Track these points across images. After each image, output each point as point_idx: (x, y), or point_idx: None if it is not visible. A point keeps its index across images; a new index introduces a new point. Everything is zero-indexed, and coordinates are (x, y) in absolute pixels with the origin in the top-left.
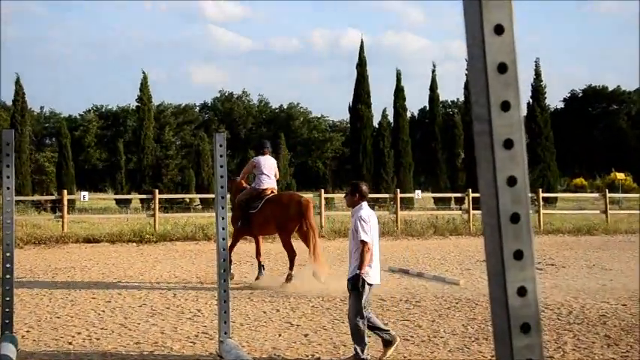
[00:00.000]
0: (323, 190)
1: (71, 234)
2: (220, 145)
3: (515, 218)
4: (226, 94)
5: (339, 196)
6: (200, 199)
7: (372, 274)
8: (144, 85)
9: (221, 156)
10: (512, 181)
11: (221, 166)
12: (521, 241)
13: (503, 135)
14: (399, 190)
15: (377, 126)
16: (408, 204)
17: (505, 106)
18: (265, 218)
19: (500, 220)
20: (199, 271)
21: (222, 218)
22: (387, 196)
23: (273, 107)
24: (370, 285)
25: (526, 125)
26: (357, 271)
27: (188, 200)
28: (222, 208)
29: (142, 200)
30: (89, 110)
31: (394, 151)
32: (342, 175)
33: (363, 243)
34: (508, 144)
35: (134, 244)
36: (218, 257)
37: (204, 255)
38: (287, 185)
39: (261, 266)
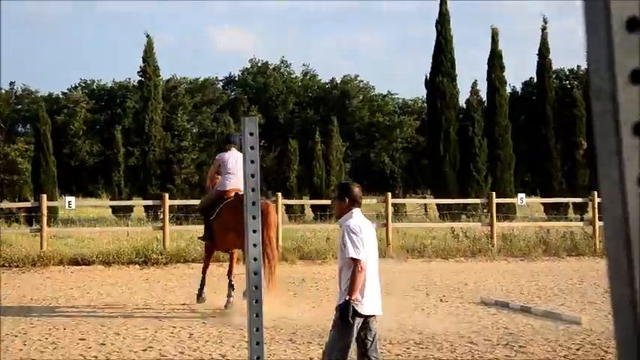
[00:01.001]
0: (390, 194)
1: (53, 253)
2: (251, 134)
3: None
4: (259, 65)
5: (412, 202)
6: None
7: (367, 301)
8: (148, 53)
9: (252, 148)
10: None
11: (252, 162)
12: None
13: (634, 116)
14: (494, 193)
15: (464, 105)
16: (507, 212)
17: (636, 77)
18: (222, 226)
19: (629, 235)
20: (223, 302)
21: (254, 231)
22: (477, 201)
23: (323, 82)
24: (363, 316)
25: None
26: (347, 297)
27: None
28: (254, 217)
29: (146, 208)
30: (76, 87)
31: (488, 139)
32: (415, 173)
33: (354, 261)
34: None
35: (137, 266)
36: (248, 284)
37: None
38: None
39: (230, 286)
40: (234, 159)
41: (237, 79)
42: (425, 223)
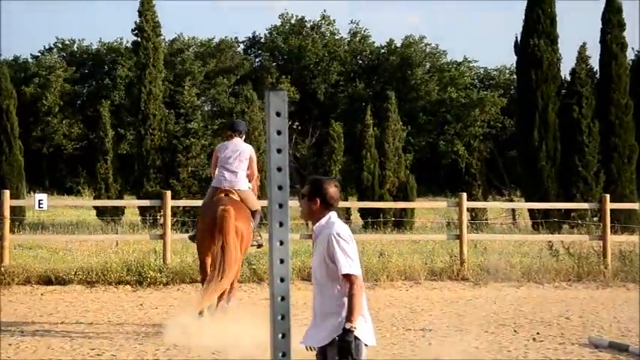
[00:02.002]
0: (465, 196)
1: (17, 269)
2: (277, 114)
3: None
4: (293, 23)
5: (496, 206)
6: None
7: (368, 327)
8: (145, 5)
9: (279, 133)
10: None
11: (279, 151)
12: None
13: None
14: (608, 196)
15: (568, 77)
16: (627, 222)
17: None
18: (201, 232)
19: None
20: (243, 336)
21: (281, 243)
22: (585, 206)
23: (377, 45)
24: (365, 346)
25: None
26: (347, 325)
27: None
28: (281, 225)
29: (142, 210)
30: (50, 49)
31: (600, 123)
32: (500, 168)
33: (351, 278)
34: None
35: (129, 286)
36: (272, 313)
37: (250, 309)
38: (404, 185)
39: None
40: (233, 151)
41: (263, 40)
42: (513, 234)
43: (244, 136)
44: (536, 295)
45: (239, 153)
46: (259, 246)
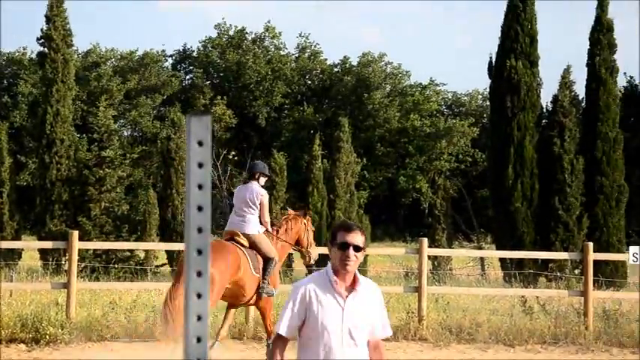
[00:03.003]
0: (427, 241)
1: None
2: (200, 143)
3: None
4: (231, 34)
5: (461, 254)
6: (168, 253)
7: None
8: (55, 10)
9: (200, 166)
10: None
11: (199, 187)
12: None
13: None
14: (592, 245)
15: (548, 105)
16: (613, 275)
17: None
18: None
19: None
20: None
21: (199, 296)
22: (565, 256)
23: (329, 63)
24: None
25: None
26: None
27: (143, 256)
28: (199, 274)
29: (43, 253)
30: None
31: (585, 159)
32: (469, 209)
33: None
34: None
35: (23, 345)
36: None
37: None
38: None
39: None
40: (244, 195)
41: (195, 54)
42: (481, 287)
43: (264, 178)
44: (504, 359)
45: (250, 197)
46: (269, 296)
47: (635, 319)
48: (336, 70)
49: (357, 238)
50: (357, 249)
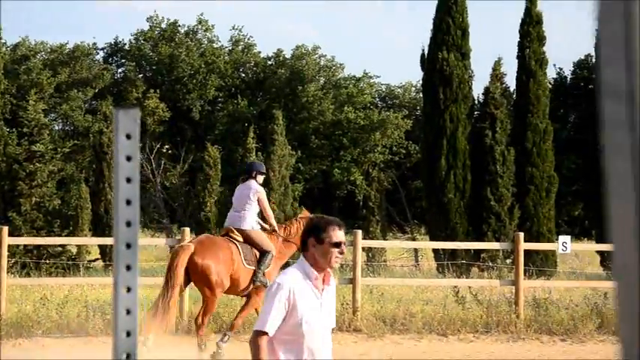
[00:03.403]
0: (361, 233)
1: None
2: (128, 136)
3: None
4: (163, 27)
5: (395, 246)
6: (101, 248)
7: None
8: None
9: (129, 159)
10: None
11: (128, 180)
12: None
13: None
14: (522, 235)
15: (480, 97)
16: (543, 265)
17: None
18: None
19: None
20: None
21: (128, 290)
22: (497, 246)
23: (263, 56)
24: None
25: None
26: None
27: (75, 251)
28: (129, 268)
29: None
30: None
31: (517, 150)
32: (402, 201)
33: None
34: None
35: None
36: None
37: None
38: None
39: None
40: (241, 192)
41: (127, 47)
42: (415, 278)
43: (261, 177)
44: (438, 349)
45: (247, 194)
46: (264, 286)
47: (564, 307)
48: (270, 63)
49: (343, 235)
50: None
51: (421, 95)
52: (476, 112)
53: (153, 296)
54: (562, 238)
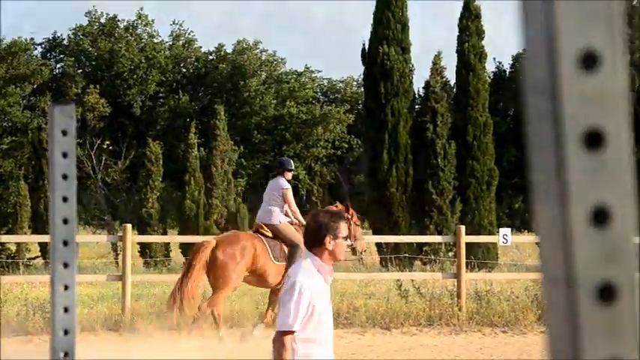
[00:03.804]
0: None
1: None
2: (64, 133)
3: (608, 294)
4: (102, 22)
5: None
6: (41, 245)
7: None
8: None
9: (65, 155)
10: (602, 217)
11: (64, 177)
12: (621, 343)
13: (585, 121)
14: (463, 228)
15: (420, 91)
16: (485, 257)
17: (590, 61)
18: None
19: (577, 297)
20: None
21: (65, 288)
22: (438, 239)
23: (204, 51)
24: None
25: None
26: None
27: (14, 249)
28: (66, 266)
29: None
30: None
31: (457, 144)
32: (343, 195)
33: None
34: (594, 140)
35: None
36: None
37: None
38: (233, 216)
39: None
40: (270, 189)
41: (66, 42)
42: (358, 272)
43: (290, 174)
44: (381, 342)
45: (275, 191)
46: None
47: (506, 298)
48: (211, 57)
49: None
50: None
51: (362, 90)
52: (417, 106)
53: (94, 294)
54: (503, 230)
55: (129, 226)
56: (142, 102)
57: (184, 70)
